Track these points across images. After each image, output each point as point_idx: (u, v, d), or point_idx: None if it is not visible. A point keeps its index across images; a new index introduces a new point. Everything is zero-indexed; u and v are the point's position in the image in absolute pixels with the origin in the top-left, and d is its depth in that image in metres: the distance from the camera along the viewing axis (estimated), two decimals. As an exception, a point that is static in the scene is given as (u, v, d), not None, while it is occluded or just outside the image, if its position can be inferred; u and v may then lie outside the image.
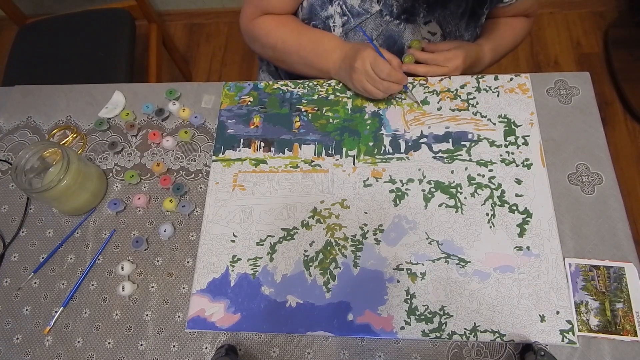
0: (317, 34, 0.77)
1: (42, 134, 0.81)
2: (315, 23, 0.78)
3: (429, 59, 0.75)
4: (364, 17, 0.75)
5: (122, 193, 0.74)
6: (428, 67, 0.76)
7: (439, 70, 0.75)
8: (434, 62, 0.75)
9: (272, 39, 0.78)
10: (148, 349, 0.63)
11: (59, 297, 0.67)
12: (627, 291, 0.59)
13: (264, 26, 0.79)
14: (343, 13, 0.75)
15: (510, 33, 0.86)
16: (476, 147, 0.70)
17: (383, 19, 0.75)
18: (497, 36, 0.84)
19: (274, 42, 0.78)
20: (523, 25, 0.87)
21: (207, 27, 1.89)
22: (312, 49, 0.76)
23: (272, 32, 0.78)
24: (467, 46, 0.78)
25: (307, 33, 0.77)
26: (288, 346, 0.62)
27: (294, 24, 0.78)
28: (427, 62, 0.76)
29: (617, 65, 1.56)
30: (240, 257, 0.66)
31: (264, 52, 0.84)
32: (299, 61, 0.78)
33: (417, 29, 0.78)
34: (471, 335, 0.59)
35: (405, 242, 0.65)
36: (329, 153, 0.72)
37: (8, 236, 0.72)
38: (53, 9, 1.72)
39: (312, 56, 0.76)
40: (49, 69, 1.24)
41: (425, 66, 0.76)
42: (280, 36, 0.78)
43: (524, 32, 0.88)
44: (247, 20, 0.81)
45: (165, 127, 0.79)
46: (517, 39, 0.88)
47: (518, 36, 0.87)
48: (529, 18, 0.88)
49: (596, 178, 0.67)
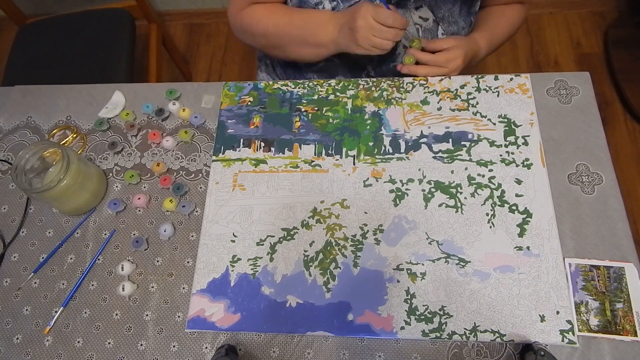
0: (307, 11, 0.77)
1: (42, 134, 0.81)
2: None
3: (430, 60, 0.75)
4: (353, 2, 0.74)
5: (122, 193, 0.74)
6: (429, 69, 0.76)
7: (439, 71, 0.75)
8: (434, 63, 0.75)
9: (262, 26, 0.78)
10: (148, 349, 0.63)
11: (59, 297, 0.67)
12: (627, 291, 0.59)
13: (254, 15, 0.79)
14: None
15: (504, 23, 0.85)
16: (476, 147, 0.70)
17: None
18: (491, 28, 0.84)
19: (264, 29, 0.78)
20: (518, 14, 0.86)
21: (207, 27, 1.89)
22: (303, 24, 0.75)
23: (262, 19, 0.78)
24: (464, 43, 0.77)
25: (297, 12, 0.77)
26: (288, 346, 0.62)
27: (284, 9, 0.78)
28: (428, 63, 0.75)
29: (617, 65, 1.56)
30: (240, 257, 0.66)
31: (255, 41, 0.83)
32: (292, 41, 0.77)
33: (407, 14, 0.77)
34: (471, 335, 0.59)
35: (405, 242, 0.65)
36: (329, 153, 0.72)
37: (8, 236, 0.72)
38: (53, 9, 1.72)
39: (305, 32, 0.75)
40: (49, 69, 1.24)
41: (426, 67, 0.76)
42: (270, 21, 0.77)
43: (519, 20, 0.87)
44: (235, 11, 0.81)
45: (165, 127, 0.79)
46: (512, 28, 0.87)
47: (513, 25, 0.86)
48: (523, 5, 0.87)
49: (596, 178, 0.67)
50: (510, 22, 0.86)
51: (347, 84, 0.77)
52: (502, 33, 0.85)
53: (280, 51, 0.82)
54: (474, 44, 0.79)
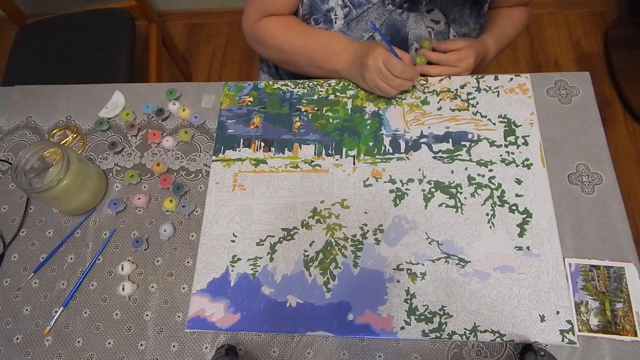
0: (325, 35, 0.76)
1: (42, 134, 0.81)
2: (317, 17, 0.78)
3: (442, 60, 0.75)
4: (365, 7, 0.74)
5: (122, 193, 0.74)
6: (441, 68, 0.76)
7: (451, 70, 0.75)
8: (446, 63, 0.75)
9: (277, 42, 0.78)
10: (148, 349, 0.63)
11: (59, 297, 0.67)
12: (627, 291, 0.59)
13: (268, 28, 0.78)
14: (344, 5, 0.74)
15: (510, 24, 0.86)
16: (476, 147, 0.70)
17: (385, 8, 0.75)
18: (499, 29, 0.84)
19: (279, 45, 0.78)
20: (522, 15, 0.87)
21: (207, 27, 1.89)
22: (320, 51, 0.76)
23: (277, 34, 0.78)
24: (475, 43, 0.77)
25: (314, 35, 0.77)
26: (288, 346, 0.62)
27: (299, 26, 0.78)
28: (440, 62, 0.75)
29: (617, 65, 1.56)
30: (240, 257, 0.66)
31: (269, 55, 0.83)
32: (307, 63, 0.78)
33: (420, 18, 0.77)
34: (471, 335, 0.59)
35: (405, 242, 0.65)
36: (329, 153, 0.72)
37: (8, 236, 0.72)
38: (53, 9, 1.72)
39: (321, 58, 0.76)
40: (49, 69, 1.24)
41: (438, 67, 0.76)
42: (286, 39, 0.77)
43: (524, 21, 0.88)
44: (249, 23, 0.80)
45: (165, 127, 0.79)
46: (517, 29, 0.88)
47: (518, 26, 0.88)
48: (527, 7, 0.88)
49: (596, 178, 0.67)
50: (516, 24, 0.87)
51: (347, 84, 0.77)
52: (508, 34, 0.86)
53: (293, 68, 0.83)
54: (483, 45, 0.80)
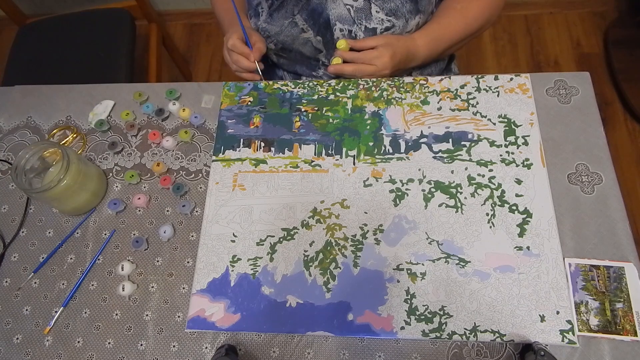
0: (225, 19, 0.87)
1: (42, 134, 0.81)
2: (250, 13, 0.83)
3: (355, 58, 0.75)
4: None
5: (122, 193, 0.74)
6: (355, 66, 0.76)
7: (366, 68, 0.75)
8: (360, 61, 0.75)
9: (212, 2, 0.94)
10: (148, 349, 0.63)
11: (59, 297, 0.67)
12: (627, 291, 0.59)
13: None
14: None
15: (459, 20, 0.78)
16: (476, 147, 0.70)
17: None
18: (438, 27, 0.78)
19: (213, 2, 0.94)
20: (481, 9, 0.79)
21: (207, 27, 1.89)
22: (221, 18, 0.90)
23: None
24: (395, 42, 0.75)
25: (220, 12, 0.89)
26: (288, 346, 0.62)
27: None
28: (354, 61, 0.76)
29: (617, 65, 1.56)
30: (240, 257, 0.66)
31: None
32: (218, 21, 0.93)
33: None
34: (471, 335, 0.59)
35: (405, 242, 0.65)
36: (329, 153, 0.72)
37: (8, 236, 0.72)
38: (53, 9, 1.72)
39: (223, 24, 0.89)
40: (49, 69, 1.25)
41: (352, 65, 0.76)
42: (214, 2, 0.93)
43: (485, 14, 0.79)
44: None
45: (165, 127, 0.79)
46: (471, 26, 0.79)
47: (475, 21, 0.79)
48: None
49: (596, 178, 0.67)
50: (469, 22, 0.79)
51: (347, 83, 0.77)
52: (453, 32, 0.79)
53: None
54: (408, 43, 0.76)
